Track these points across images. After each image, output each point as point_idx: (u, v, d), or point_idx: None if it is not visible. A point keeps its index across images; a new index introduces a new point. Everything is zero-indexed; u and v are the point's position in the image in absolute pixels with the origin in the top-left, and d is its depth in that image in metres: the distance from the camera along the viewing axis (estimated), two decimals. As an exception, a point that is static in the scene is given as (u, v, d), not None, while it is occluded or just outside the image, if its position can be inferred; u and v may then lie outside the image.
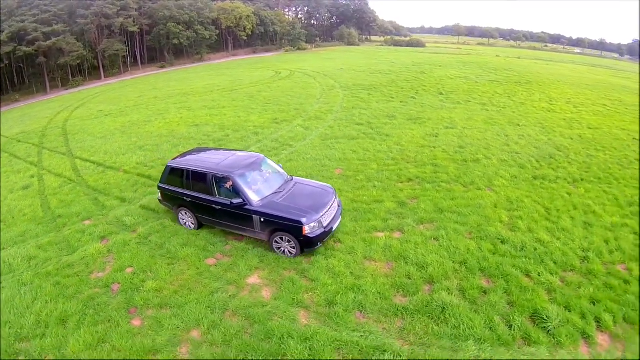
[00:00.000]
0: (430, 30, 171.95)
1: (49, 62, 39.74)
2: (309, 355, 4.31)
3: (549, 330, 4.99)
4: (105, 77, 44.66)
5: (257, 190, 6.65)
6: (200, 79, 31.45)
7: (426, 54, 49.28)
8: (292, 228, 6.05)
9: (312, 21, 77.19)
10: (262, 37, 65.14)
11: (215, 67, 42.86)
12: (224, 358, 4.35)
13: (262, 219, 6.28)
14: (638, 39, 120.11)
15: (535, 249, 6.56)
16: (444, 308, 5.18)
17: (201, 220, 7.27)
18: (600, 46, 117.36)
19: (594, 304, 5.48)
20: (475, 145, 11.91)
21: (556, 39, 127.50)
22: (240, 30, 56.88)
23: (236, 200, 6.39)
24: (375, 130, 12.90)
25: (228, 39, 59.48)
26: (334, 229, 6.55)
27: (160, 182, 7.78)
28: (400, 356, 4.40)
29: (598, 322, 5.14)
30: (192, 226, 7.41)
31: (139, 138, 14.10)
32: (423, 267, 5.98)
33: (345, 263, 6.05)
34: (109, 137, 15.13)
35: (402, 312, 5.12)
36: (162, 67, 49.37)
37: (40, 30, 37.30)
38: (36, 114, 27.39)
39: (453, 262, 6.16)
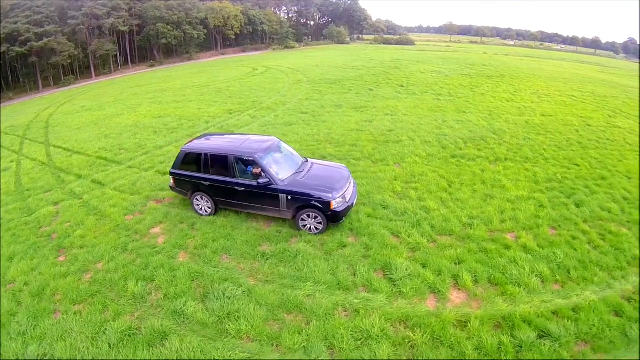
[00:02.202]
0: (429, 30, 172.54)
1: (41, 61, 41.40)
2: (171, 280, 5.65)
3: (394, 282, 5.51)
4: (96, 75, 46.28)
5: (280, 171, 6.87)
6: (182, 77, 32.92)
7: (411, 52, 49.61)
8: (321, 203, 6.37)
9: (302, 20, 78.45)
10: (251, 36, 66.76)
11: (200, 66, 44.36)
12: (112, 279, 5.80)
13: (289, 197, 6.53)
14: (634, 37, 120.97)
15: (416, 215, 7.13)
16: (297, 255, 6.02)
17: (219, 204, 7.32)
18: (594, 44, 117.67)
19: (457, 264, 5.86)
20: (404, 129, 12.66)
21: (552, 38, 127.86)
22: (228, 30, 58.41)
23: (262, 180, 6.59)
24: (315, 117, 14.28)
25: (217, 38, 61.02)
26: (354, 204, 6.97)
27: (173, 168, 7.61)
28: (241, 287, 5.41)
29: (457, 280, 5.52)
30: (208, 211, 7.42)
31: (107, 128, 15.59)
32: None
33: (229, 219, 7.22)
34: (83, 128, 16.62)
35: (260, 257, 6.09)
36: (152, 66, 50.91)
37: (32, 31, 38.92)
38: (26, 110, 28.89)
39: (365, 215, 7.06)
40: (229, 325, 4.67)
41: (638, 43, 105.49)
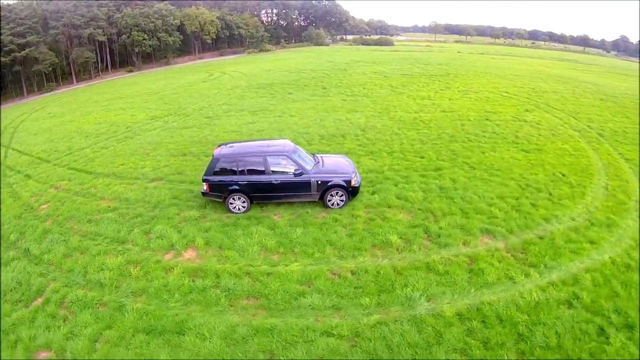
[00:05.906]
0: (424, 29, 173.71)
1: (25, 69, 45.23)
2: (32, 233, 8.85)
3: (150, 240, 7.73)
4: (77, 81, 50.06)
5: (305, 163, 8.64)
6: (145, 83, 36.24)
7: (382, 52, 51.39)
8: (345, 182, 8.35)
9: (282, 23, 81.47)
10: (229, 40, 70.11)
11: (171, 71, 47.65)
12: (5, 234, 9.25)
13: (319, 182, 8.28)
14: (626, 35, 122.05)
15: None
16: (106, 220, 8.73)
17: (254, 199, 8.60)
18: (583, 42, 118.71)
19: (205, 232, 7.78)
20: (274, 129, 14.77)
21: (542, 36, 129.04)
22: (205, 35, 61.85)
23: (297, 171, 8.27)
24: (212, 121, 17.28)
25: (195, 42, 64.49)
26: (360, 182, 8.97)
27: (207, 174, 8.56)
28: (64, 237, 8.20)
29: (195, 242, 7.46)
30: (242, 209, 8.58)
31: (56, 134, 19.07)
32: (146, 203, 9.65)
33: (84, 199, 10.24)
34: (39, 134, 20.09)
35: (87, 221, 8.88)
36: (130, 71, 54.49)
37: (15, 42, 42.69)
38: (6, 115, 32.40)
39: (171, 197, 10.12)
40: (45, 257, 7.86)
41: (636, 42, 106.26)
